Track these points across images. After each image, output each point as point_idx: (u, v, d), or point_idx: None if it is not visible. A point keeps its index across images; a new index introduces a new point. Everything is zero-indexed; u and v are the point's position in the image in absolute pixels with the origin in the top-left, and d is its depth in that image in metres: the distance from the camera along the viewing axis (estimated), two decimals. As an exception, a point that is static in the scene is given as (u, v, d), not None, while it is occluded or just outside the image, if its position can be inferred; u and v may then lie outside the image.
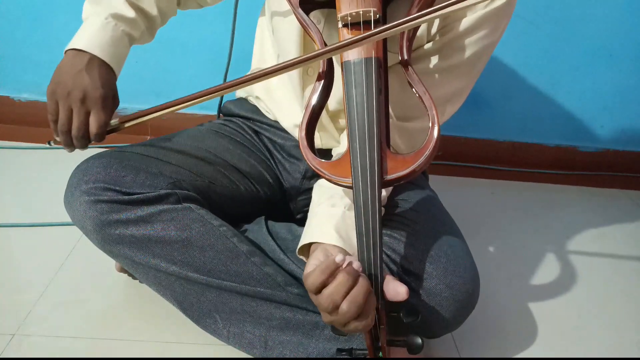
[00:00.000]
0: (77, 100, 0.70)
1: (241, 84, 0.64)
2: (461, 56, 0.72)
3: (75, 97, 0.70)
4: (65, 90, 0.70)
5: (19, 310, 0.85)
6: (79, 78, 0.70)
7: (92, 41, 0.72)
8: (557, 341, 0.92)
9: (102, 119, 0.71)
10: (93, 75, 0.71)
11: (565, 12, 1.38)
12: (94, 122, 0.71)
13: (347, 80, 0.62)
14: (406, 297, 0.60)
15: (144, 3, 0.79)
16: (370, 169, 0.59)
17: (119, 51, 0.75)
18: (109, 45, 0.73)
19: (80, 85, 0.70)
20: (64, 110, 0.71)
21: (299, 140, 0.64)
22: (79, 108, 0.70)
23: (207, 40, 1.38)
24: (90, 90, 0.70)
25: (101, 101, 0.71)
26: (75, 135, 0.71)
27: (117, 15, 0.75)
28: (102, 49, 0.72)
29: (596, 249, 1.22)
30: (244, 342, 0.78)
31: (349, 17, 0.62)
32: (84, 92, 0.70)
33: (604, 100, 1.49)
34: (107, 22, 0.74)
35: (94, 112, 0.71)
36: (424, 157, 0.59)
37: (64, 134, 0.72)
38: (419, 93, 0.61)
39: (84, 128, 0.71)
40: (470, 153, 1.53)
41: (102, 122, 0.71)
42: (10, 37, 1.38)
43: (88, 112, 0.71)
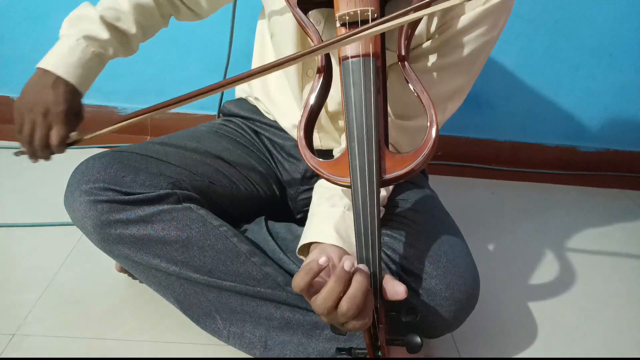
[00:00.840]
0: (39, 115, 0.75)
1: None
2: (461, 53, 0.72)
3: (37, 111, 0.75)
4: (30, 104, 0.76)
5: (19, 310, 0.85)
6: (44, 95, 0.76)
7: (59, 62, 0.77)
8: (557, 341, 0.93)
9: (62, 132, 0.76)
10: (57, 92, 0.76)
11: (565, 12, 1.38)
12: (54, 135, 0.76)
13: (345, 80, 0.62)
14: (405, 297, 0.60)
15: (122, 22, 0.82)
16: (368, 168, 0.59)
17: (86, 72, 0.79)
18: (75, 67, 0.77)
19: (43, 101, 0.75)
20: (28, 123, 0.76)
21: (297, 140, 0.64)
22: (41, 121, 0.76)
23: (207, 40, 1.38)
24: (52, 106, 0.75)
25: (62, 116, 0.76)
26: (38, 146, 0.77)
27: (89, 37, 0.79)
28: (68, 70, 0.77)
29: (596, 249, 1.22)
30: (244, 342, 0.78)
31: (346, 16, 0.62)
32: (46, 107, 0.75)
33: (604, 100, 1.49)
34: (78, 43, 0.78)
35: (55, 126, 0.76)
36: (422, 156, 0.59)
37: (27, 145, 0.78)
38: (417, 92, 0.61)
39: (45, 140, 0.76)
40: (470, 153, 1.53)
41: (61, 135, 0.76)
42: (10, 37, 1.38)
43: (50, 126, 0.76)
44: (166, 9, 0.88)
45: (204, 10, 0.89)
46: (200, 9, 0.89)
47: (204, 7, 0.88)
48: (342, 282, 0.57)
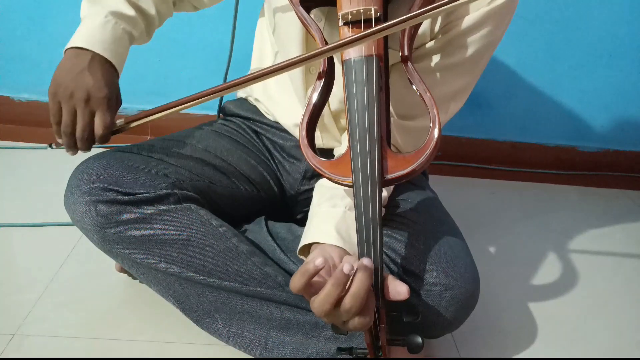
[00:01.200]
0: (80, 101, 0.69)
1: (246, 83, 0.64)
2: (464, 54, 0.72)
3: (78, 97, 0.69)
4: (68, 91, 0.69)
5: (19, 310, 0.85)
6: (82, 78, 0.69)
7: (93, 39, 0.71)
8: (557, 341, 0.92)
9: (108, 119, 0.70)
10: (96, 74, 0.69)
11: (566, 12, 1.38)
12: (99, 123, 0.70)
13: (348, 79, 0.62)
14: (407, 297, 0.60)
15: (142, 2, 0.79)
16: (370, 167, 0.59)
17: (120, 50, 0.73)
18: (110, 43, 0.72)
19: (83, 85, 0.69)
20: (68, 111, 0.70)
21: (300, 139, 0.64)
22: (83, 109, 0.69)
23: (207, 40, 1.39)
24: (94, 90, 0.69)
25: (106, 102, 0.70)
26: (80, 137, 0.70)
27: (117, 13, 0.74)
28: (104, 46, 0.71)
29: (596, 249, 1.22)
30: (244, 342, 0.78)
31: (349, 15, 0.62)
32: (87, 92, 0.69)
33: (604, 100, 1.49)
34: (107, 20, 0.73)
35: (98, 113, 0.70)
36: (425, 156, 0.59)
37: (68, 136, 0.71)
38: (419, 91, 0.61)
39: (89, 129, 0.70)
40: (470, 153, 1.53)
41: (107, 123, 0.70)
42: (10, 37, 1.38)
43: (93, 113, 0.70)
44: None
45: (202, 3, 0.88)
46: (200, 3, 0.88)
47: (204, 2, 0.88)
48: (340, 286, 0.57)
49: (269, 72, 0.63)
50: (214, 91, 0.66)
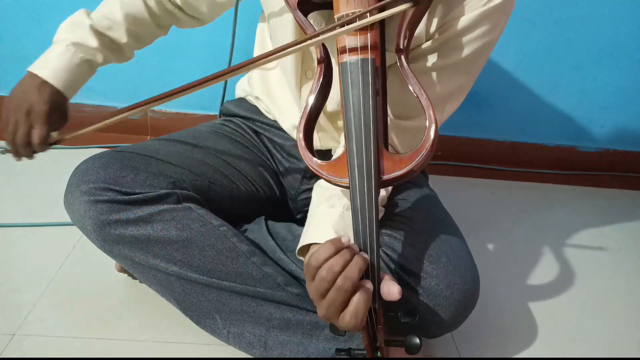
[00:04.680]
0: (22, 114, 0.77)
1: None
2: (460, 54, 0.72)
3: (21, 111, 0.77)
4: (15, 104, 0.78)
5: (19, 310, 0.85)
6: (29, 95, 0.78)
7: (48, 67, 0.79)
8: (557, 341, 0.93)
9: (42, 131, 0.77)
10: (43, 94, 0.78)
11: (566, 12, 1.38)
12: (35, 134, 0.77)
13: (344, 81, 0.62)
14: (398, 297, 0.60)
15: (113, 32, 0.84)
16: (367, 169, 0.60)
17: (73, 76, 0.81)
18: (61, 71, 0.80)
19: (28, 101, 0.78)
20: (12, 122, 0.78)
21: (297, 141, 0.64)
22: (23, 121, 0.77)
23: (207, 40, 1.38)
24: (35, 106, 0.77)
25: (43, 115, 0.77)
26: (19, 144, 0.78)
27: (77, 44, 0.81)
28: (55, 74, 0.79)
29: (596, 248, 1.22)
30: (243, 342, 0.78)
31: (345, 17, 0.63)
32: (29, 107, 0.77)
33: (604, 100, 1.49)
34: (67, 49, 0.80)
35: (36, 126, 0.77)
36: (421, 157, 0.59)
37: (10, 143, 0.80)
38: (415, 92, 0.61)
39: (26, 138, 0.78)
40: (470, 153, 1.53)
41: (42, 134, 0.77)
42: (10, 37, 1.38)
43: (32, 125, 0.78)
44: (164, 20, 0.89)
45: (205, 17, 0.90)
46: (202, 15, 0.89)
47: (205, 14, 0.89)
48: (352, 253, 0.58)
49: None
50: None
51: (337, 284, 0.57)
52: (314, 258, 0.59)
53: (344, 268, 0.58)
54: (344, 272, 0.57)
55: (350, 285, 0.57)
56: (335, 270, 0.57)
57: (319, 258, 0.58)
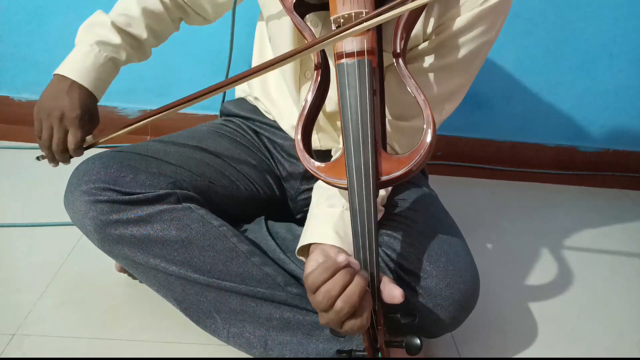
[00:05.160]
0: (56, 120, 0.78)
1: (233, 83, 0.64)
2: (458, 54, 0.72)
3: (54, 117, 0.78)
4: (47, 111, 0.78)
5: (19, 310, 0.85)
6: (59, 100, 0.78)
7: (74, 67, 0.80)
8: (557, 341, 0.93)
9: (78, 136, 0.78)
10: (72, 97, 0.78)
11: (565, 12, 1.38)
12: (71, 139, 0.78)
13: (341, 82, 0.62)
14: (401, 301, 0.60)
15: (133, 28, 0.84)
16: (364, 170, 0.60)
17: (100, 75, 0.81)
18: (89, 72, 0.80)
19: (59, 106, 0.78)
20: (46, 128, 0.79)
21: (295, 143, 0.64)
22: (57, 127, 0.78)
23: (207, 40, 1.38)
24: (68, 111, 0.78)
25: (78, 121, 0.78)
26: (55, 151, 0.79)
27: (101, 42, 0.81)
28: (83, 75, 0.79)
29: (596, 248, 1.22)
30: (243, 342, 0.78)
31: (341, 18, 0.63)
32: (62, 112, 0.78)
33: (604, 100, 1.49)
34: (92, 49, 0.80)
35: (71, 131, 0.78)
36: (419, 157, 0.59)
37: (46, 150, 0.80)
38: (413, 93, 0.61)
39: (62, 145, 0.79)
40: (470, 153, 1.53)
41: (78, 139, 0.78)
42: (10, 37, 1.38)
43: (66, 130, 0.78)
44: (175, 13, 0.89)
45: (210, 15, 0.90)
46: (207, 14, 0.90)
47: (209, 12, 0.89)
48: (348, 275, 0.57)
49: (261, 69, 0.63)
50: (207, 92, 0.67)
51: (337, 307, 0.57)
52: (310, 280, 0.59)
53: (342, 291, 0.57)
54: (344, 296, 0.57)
55: (351, 309, 0.57)
56: (332, 294, 0.57)
57: (315, 282, 0.58)
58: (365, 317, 0.58)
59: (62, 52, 0.82)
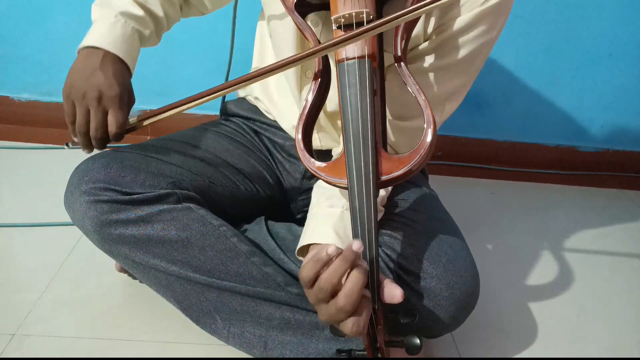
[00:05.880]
0: (93, 100, 0.69)
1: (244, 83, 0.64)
2: (458, 54, 0.72)
3: (91, 97, 0.69)
4: (81, 91, 0.69)
5: (19, 310, 0.85)
6: (94, 77, 0.69)
7: (104, 38, 0.72)
8: (557, 341, 0.93)
9: (121, 118, 0.70)
10: (107, 73, 0.70)
11: (566, 12, 1.38)
12: (112, 122, 0.70)
13: (341, 82, 0.62)
14: (401, 300, 0.60)
15: (150, 4, 0.79)
16: (365, 169, 0.60)
17: (131, 48, 0.74)
18: (121, 42, 0.73)
19: (95, 84, 0.69)
20: (81, 111, 0.70)
21: (296, 143, 0.64)
22: (95, 108, 0.69)
23: (208, 39, 1.39)
24: (106, 89, 0.69)
25: (118, 100, 0.70)
26: (94, 136, 0.70)
27: (126, 13, 0.75)
28: (115, 45, 0.72)
29: (596, 248, 1.22)
30: (243, 342, 0.78)
31: (342, 18, 0.63)
32: (99, 91, 0.69)
33: (604, 100, 1.49)
34: (117, 19, 0.74)
35: (111, 112, 0.70)
36: (419, 157, 0.59)
37: (83, 135, 0.71)
38: (413, 92, 0.61)
39: (103, 128, 0.70)
40: (470, 153, 1.53)
41: (121, 121, 0.70)
42: (10, 37, 1.38)
43: (106, 111, 0.70)
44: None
45: (208, 8, 0.89)
46: (203, 7, 0.88)
47: (207, 7, 0.88)
48: (348, 261, 0.56)
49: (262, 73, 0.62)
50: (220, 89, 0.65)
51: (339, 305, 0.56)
52: (303, 275, 0.57)
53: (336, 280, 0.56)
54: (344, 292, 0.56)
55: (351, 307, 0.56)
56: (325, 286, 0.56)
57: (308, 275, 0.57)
58: (365, 314, 0.58)
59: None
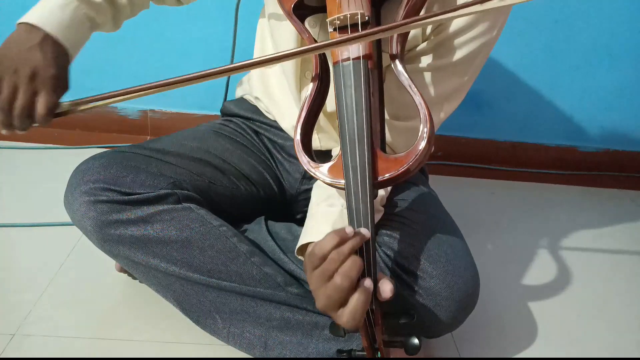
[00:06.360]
0: (25, 77, 0.64)
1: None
2: (457, 55, 0.72)
3: (23, 74, 0.64)
4: (13, 65, 0.64)
5: (19, 310, 0.85)
6: (30, 54, 0.65)
7: (49, 19, 0.67)
8: (557, 341, 0.93)
9: (52, 100, 0.65)
10: (46, 53, 0.65)
11: (565, 12, 1.38)
12: (42, 103, 0.64)
13: (337, 82, 0.62)
14: (390, 295, 0.60)
15: None
16: (361, 170, 0.60)
17: (77, 35, 0.69)
18: (66, 27, 0.68)
19: (30, 61, 0.64)
20: (8, 86, 0.64)
21: (294, 144, 0.64)
22: (26, 85, 0.64)
23: (207, 40, 1.38)
24: (41, 68, 0.64)
25: (52, 81, 0.65)
26: (19, 115, 0.65)
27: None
28: (60, 28, 0.67)
29: (596, 248, 1.22)
30: (243, 342, 0.79)
31: (337, 20, 0.63)
32: (34, 69, 0.64)
33: (604, 100, 1.49)
34: (69, 1, 0.69)
35: (43, 93, 0.65)
36: (416, 157, 0.59)
37: (4, 112, 0.65)
38: (410, 92, 0.61)
39: (29, 108, 0.64)
40: (470, 153, 1.53)
41: (51, 103, 0.64)
42: (10, 37, 1.38)
43: (35, 91, 0.65)
44: None
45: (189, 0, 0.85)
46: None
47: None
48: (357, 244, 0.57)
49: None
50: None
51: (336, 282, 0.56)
52: (318, 247, 0.58)
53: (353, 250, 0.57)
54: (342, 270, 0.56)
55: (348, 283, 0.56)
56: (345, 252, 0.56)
57: (325, 247, 0.57)
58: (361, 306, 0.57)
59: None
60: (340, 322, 0.59)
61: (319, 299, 0.59)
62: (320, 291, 0.58)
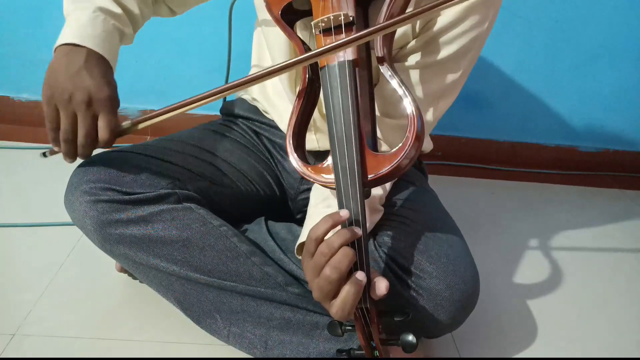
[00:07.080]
0: (81, 104, 0.63)
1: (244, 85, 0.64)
2: (448, 50, 0.72)
3: (79, 100, 0.63)
4: (66, 93, 0.63)
5: (19, 310, 0.85)
6: (80, 78, 0.63)
7: (85, 34, 0.65)
8: (557, 341, 0.93)
9: (113, 122, 0.64)
10: (94, 73, 0.64)
11: (565, 12, 1.38)
12: (104, 127, 0.64)
13: (324, 84, 0.63)
14: (385, 292, 0.60)
15: (126, 2, 0.74)
16: (350, 170, 0.60)
17: (112, 47, 0.68)
18: (102, 39, 0.66)
19: (82, 86, 0.63)
20: (67, 116, 0.63)
21: (287, 146, 0.64)
22: (84, 112, 0.63)
23: (207, 40, 1.39)
24: (95, 91, 0.63)
25: (109, 102, 0.64)
26: (82, 144, 0.64)
27: (104, 9, 0.69)
28: (97, 42, 0.65)
29: (596, 248, 1.22)
30: (244, 342, 0.79)
31: (322, 22, 0.63)
32: (88, 94, 0.63)
33: (604, 100, 1.49)
34: (96, 15, 0.67)
35: (102, 116, 0.64)
36: (404, 153, 0.59)
37: (69, 143, 0.65)
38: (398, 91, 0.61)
39: (93, 135, 0.64)
40: (470, 153, 1.53)
41: (113, 125, 0.64)
42: (10, 37, 1.38)
43: (95, 116, 0.64)
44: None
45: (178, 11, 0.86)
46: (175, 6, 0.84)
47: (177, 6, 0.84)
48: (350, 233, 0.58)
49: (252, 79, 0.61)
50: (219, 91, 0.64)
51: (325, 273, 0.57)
52: (312, 231, 0.59)
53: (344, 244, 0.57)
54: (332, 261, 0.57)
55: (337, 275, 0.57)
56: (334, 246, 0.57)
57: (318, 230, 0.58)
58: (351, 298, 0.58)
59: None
60: (331, 313, 0.59)
61: (313, 290, 0.60)
62: (314, 283, 0.60)
